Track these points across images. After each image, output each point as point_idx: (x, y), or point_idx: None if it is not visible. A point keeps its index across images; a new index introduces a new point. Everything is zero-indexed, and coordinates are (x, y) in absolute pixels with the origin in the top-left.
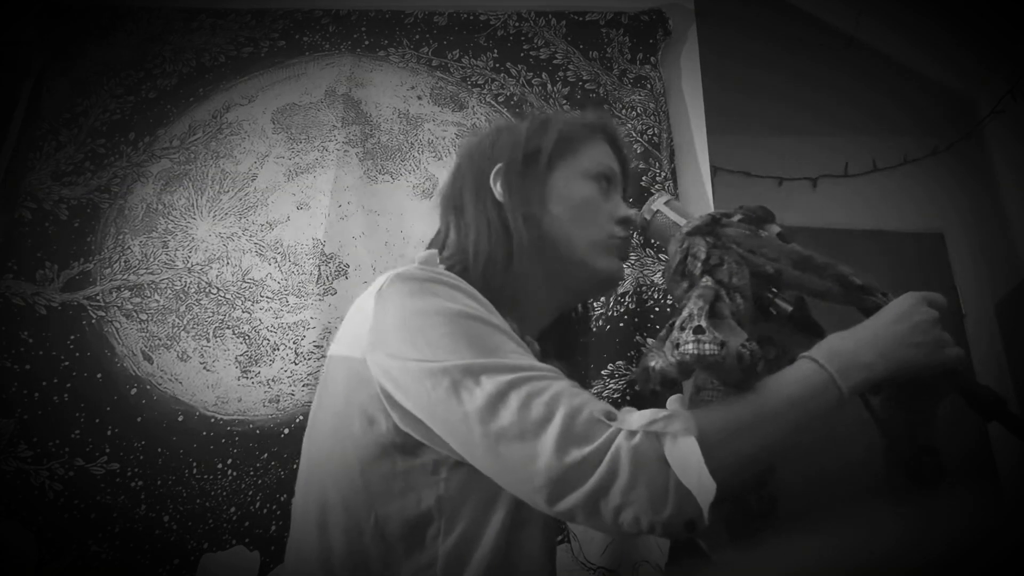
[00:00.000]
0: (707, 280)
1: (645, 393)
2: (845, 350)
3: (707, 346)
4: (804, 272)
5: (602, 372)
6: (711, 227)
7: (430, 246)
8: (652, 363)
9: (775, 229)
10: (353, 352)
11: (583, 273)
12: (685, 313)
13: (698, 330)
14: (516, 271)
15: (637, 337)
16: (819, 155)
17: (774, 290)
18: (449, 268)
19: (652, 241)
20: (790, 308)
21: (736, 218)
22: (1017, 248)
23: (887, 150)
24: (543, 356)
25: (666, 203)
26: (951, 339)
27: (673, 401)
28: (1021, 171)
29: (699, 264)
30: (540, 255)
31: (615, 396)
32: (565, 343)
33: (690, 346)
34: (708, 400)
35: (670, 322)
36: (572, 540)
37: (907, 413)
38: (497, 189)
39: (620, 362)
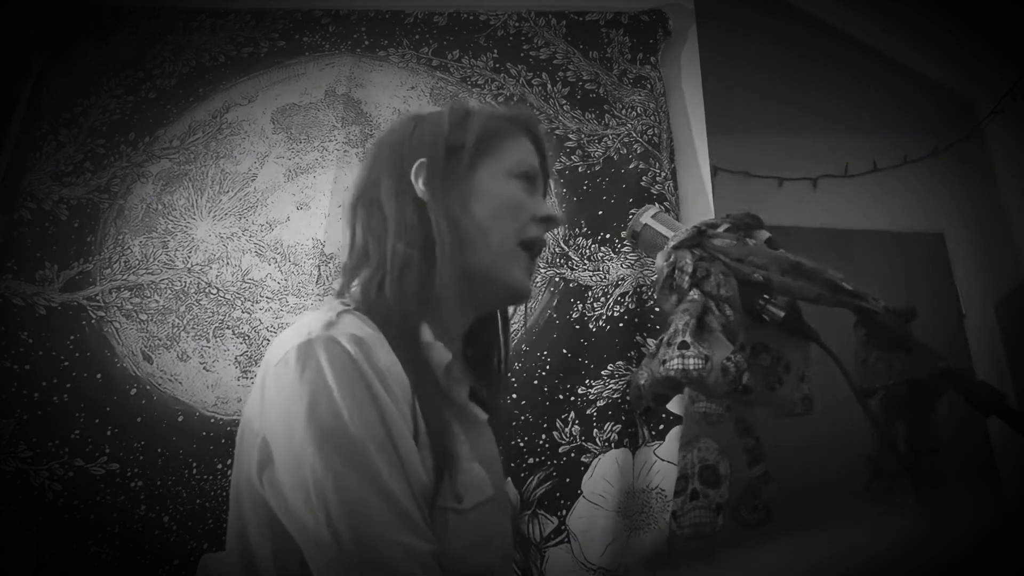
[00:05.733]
0: (695, 293)
1: (638, 410)
2: None
3: (692, 361)
4: (794, 278)
5: (602, 372)
6: (697, 239)
7: (346, 262)
8: (641, 381)
9: (763, 235)
10: (251, 423)
11: (490, 281)
12: (672, 329)
13: (683, 345)
14: (435, 273)
15: (637, 337)
16: (819, 155)
17: (766, 297)
18: (364, 292)
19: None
20: (782, 314)
21: (723, 228)
22: (1017, 248)
23: (887, 150)
24: (465, 360)
25: (653, 216)
26: None
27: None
28: (1021, 171)
29: (686, 278)
30: (459, 256)
31: (615, 396)
32: (483, 351)
33: (675, 362)
34: (702, 411)
35: (659, 339)
36: (572, 540)
37: (905, 414)
38: (419, 186)
39: (620, 362)
